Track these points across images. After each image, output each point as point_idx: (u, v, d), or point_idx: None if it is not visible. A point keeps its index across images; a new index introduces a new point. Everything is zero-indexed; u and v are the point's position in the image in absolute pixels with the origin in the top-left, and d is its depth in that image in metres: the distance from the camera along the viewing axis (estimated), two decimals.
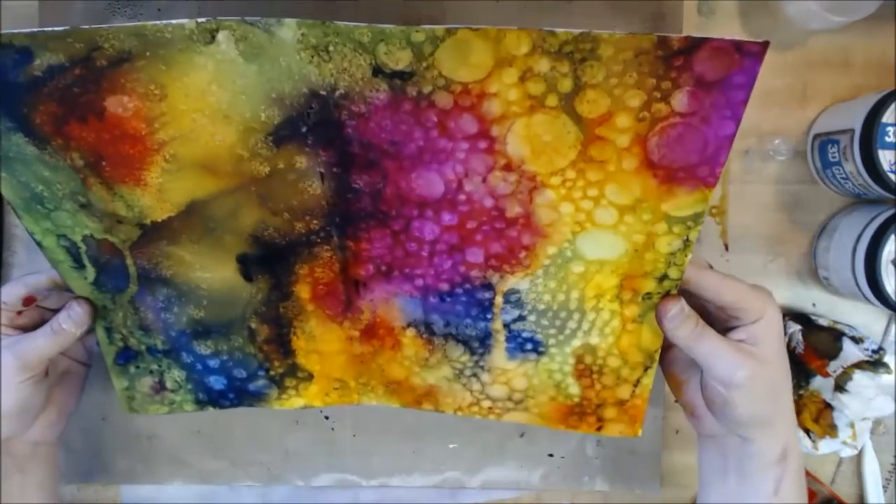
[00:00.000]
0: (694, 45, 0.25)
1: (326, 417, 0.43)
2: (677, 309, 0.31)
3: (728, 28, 0.40)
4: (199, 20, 0.26)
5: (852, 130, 0.37)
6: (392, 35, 0.26)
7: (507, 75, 0.27)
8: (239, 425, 0.43)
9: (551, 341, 0.34)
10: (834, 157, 0.39)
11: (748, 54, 0.25)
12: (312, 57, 0.27)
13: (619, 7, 0.40)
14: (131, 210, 0.31)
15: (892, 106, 0.35)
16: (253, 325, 0.35)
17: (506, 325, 0.34)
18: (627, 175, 0.29)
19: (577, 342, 0.34)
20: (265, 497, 0.44)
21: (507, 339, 0.34)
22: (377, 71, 0.27)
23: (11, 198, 0.31)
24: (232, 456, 0.43)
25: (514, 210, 0.30)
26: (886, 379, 0.40)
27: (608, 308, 0.33)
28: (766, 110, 0.41)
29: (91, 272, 0.33)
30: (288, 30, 0.26)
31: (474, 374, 0.36)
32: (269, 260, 0.33)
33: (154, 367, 0.37)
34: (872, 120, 0.36)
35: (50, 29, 0.27)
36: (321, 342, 0.36)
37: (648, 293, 0.32)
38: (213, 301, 0.34)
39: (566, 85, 0.27)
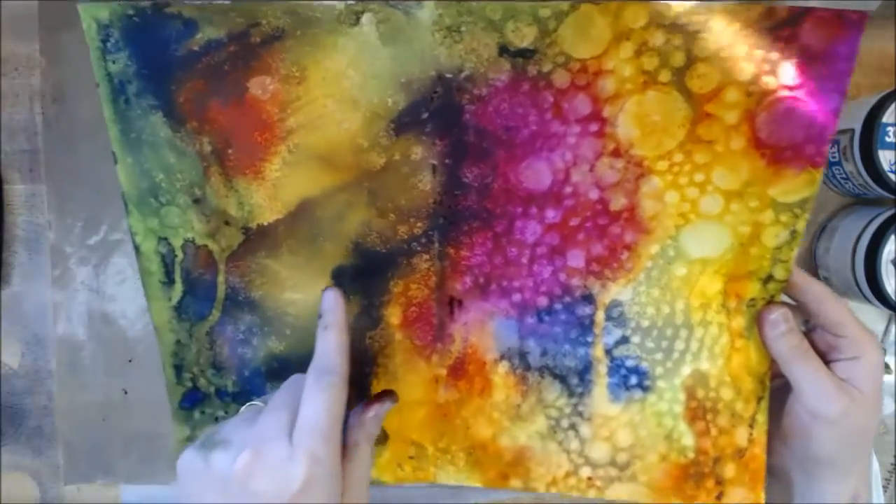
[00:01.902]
0: (800, 16, 0.26)
1: None
2: (780, 314, 0.29)
3: None
4: (349, 1, 0.28)
5: (852, 130, 0.37)
6: (521, 11, 0.27)
7: (623, 50, 0.28)
8: None
9: (658, 370, 0.32)
10: (834, 158, 0.39)
11: (850, 24, 0.25)
12: (444, 38, 0.28)
13: None
14: (241, 209, 0.31)
15: (892, 106, 0.35)
16: None
17: (608, 351, 0.32)
18: (735, 156, 0.29)
19: (686, 369, 0.32)
20: None
21: (610, 372, 0.32)
22: (503, 50, 0.28)
23: (128, 188, 0.31)
24: None
25: (618, 202, 0.30)
26: (887, 379, 0.40)
27: (715, 321, 0.31)
28: None
29: (178, 292, 0.33)
30: (426, 10, 0.28)
31: (572, 426, 0.33)
32: (365, 274, 0.32)
33: (220, 413, 0.35)
34: (872, 120, 0.36)
35: (217, 2, 0.28)
36: (403, 385, 0.34)
37: (752, 299, 0.31)
38: (297, 329, 0.33)
39: (678, 58, 0.28)
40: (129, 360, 0.42)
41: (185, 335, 0.34)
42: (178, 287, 0.33)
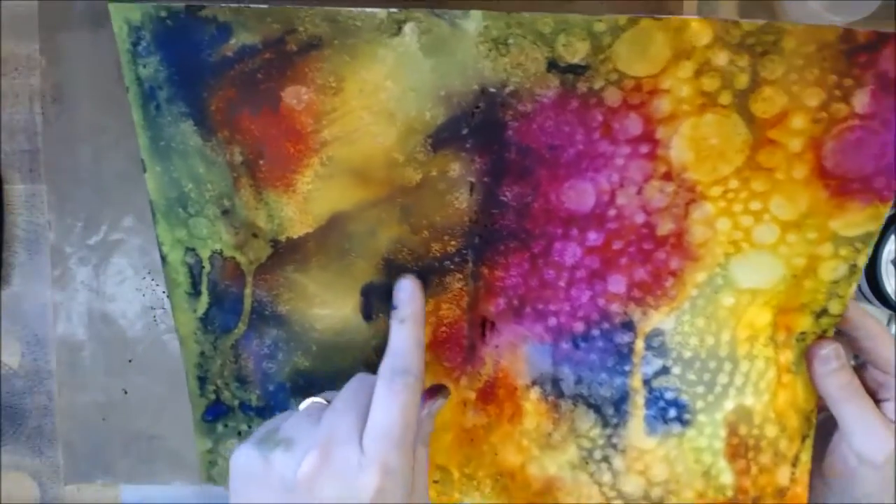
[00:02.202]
0: (880, 40, 0.24)
1: None
2: (832, 350, 0.28)
3: None
4: (391, 10, 0.27)
5: None
6: (574, 24, 0.26)
7: (682, 69, 0.26)
8: None
9: (699, 404, 0.30)
10: None
11: None
12: (490, 51, 0.27)
13: (619, 7, 0.40)
14: (271, 221, 0.30)
15: None
16: None
17: (646, 382, 0.31)
18: (796, 185, 0.27)
19: (729, 404, 0.30)
20: None
21: (647, 404, 0.31)
22: (552, 65, 0.27)
23: (156, 197, 0.30)
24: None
25: (665, 227, 0.29)
26: None
27: (762, 355, 0.30)
28: None
29: (204, 303, 0.32)
30: (472, 21, 0.26)
31: (605, 458, 0.32)
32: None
33: (243, 427, 0.34)
34: None
35: (252, 6, 0.27)
36: None
37: (803, 333, 0.29)
38: (324, 346, 0.32)
39: (742, 81, 0.26)
40: (129, 360, 0.42)
41: (209, 347, 0.33)
42: (205, 299, 0.32)
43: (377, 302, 0.31)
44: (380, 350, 0.30)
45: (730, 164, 0.27)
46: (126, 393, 0.43)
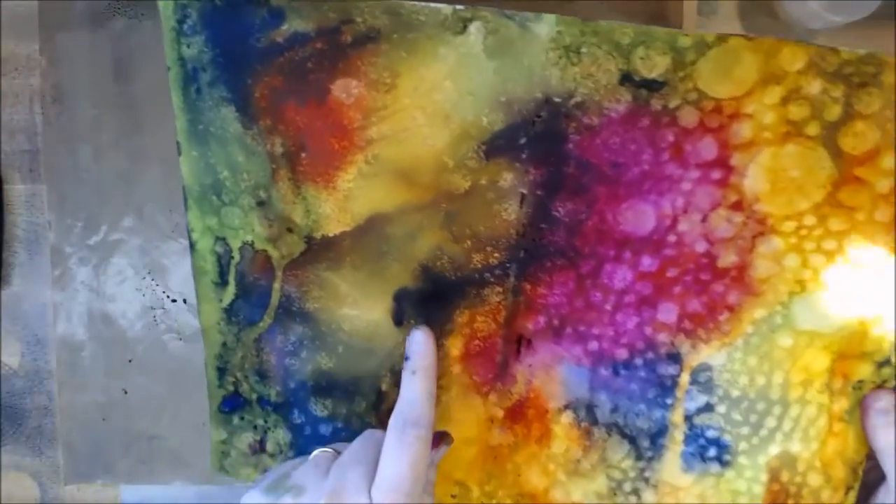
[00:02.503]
0: None
1: None
2: (890, 402, 0.27)
3: (728, 28, 0.40)
4: (458, 7, 0.25)
5: None
6: (656, 37, 0.25)
7: (769, 95, 0.25)
8: None
9: (742, 445, 0.29)
10: None
11: None
12: (560, 58, 0.25)
13: (619, 7, 0.40)
14: (308, 217, 0.29)
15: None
16: (384, 388, 0.31)
17: (687, 417, 0.29)
18: (877, 228, 0.26)
19: (774, 449, 0.28)
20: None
21: (686, 440, 0.29)
22: (625, 78, 0.25)
23: (190, 182, 0.29)
24: None
25: (727, 259, 0.27)
26: None
27: (816, 401, 0.28)
28: None
29: (230, 294, 0.31)
30: (545, 25, 0.25)
31: (635, 491, 0.30)
32: (429, 299, 0.30)
33: (260, 422, 0.33)
34: None
35: None
36: (455, 424, 0.31)
37: (861, 381, 0.28)
38: (349, 348, 0.31)
39: (834, 112, 0.25)
40: (129, 360, 0.42)
41: (232, 338, 0.32)
42: (231, 289, 0.31)
43: (409, 308, 0.30)
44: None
45: (808, 199, 0.26)
46: (126, 393, 0.43)
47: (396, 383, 0.30)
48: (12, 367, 0.43)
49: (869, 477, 0.29)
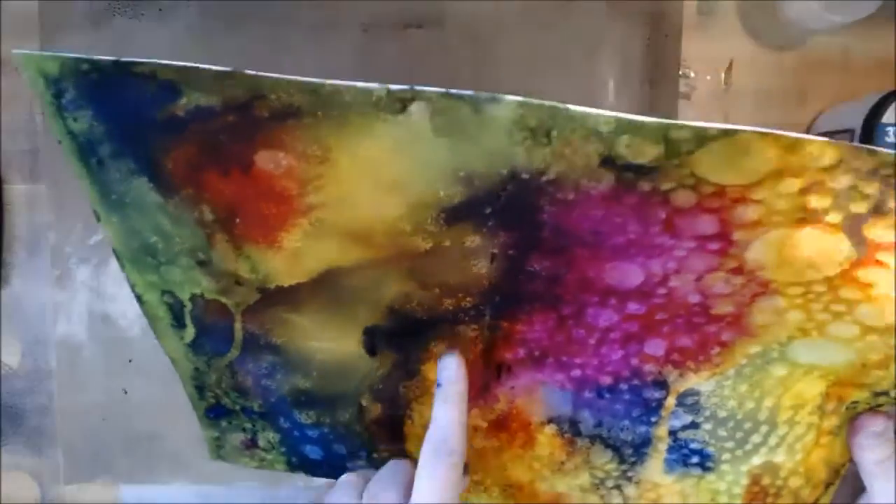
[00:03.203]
0: None
1: None
2: (882, 427, 0.26)
3: (728, 28, 0.40)
4: (392, 87, 0.22)
5: (852, 131, 0.37)
6: (645, 129, 0.21)
7: (785, 185, 0.22)
8: None
9: (725, 456, 0.28)
10: None
11: None
12: (525, 139, 0.22)
13: (619, 7, 0.40)
14: (255, 273, 0.26)
15: (892, 106, 0.35)
16: (364, 403, 0.30)
17: (672, 433, 0.28)
18: (891, 302, 0.23)
19: (757, 460, 0.28)
20: (267, 497, 0.44)
21: (670, 450, 0.28)
22: (606, 162, 0.22)
23: (118, 246, 0.27)
24: None
25: (723, 309, 0.25)
26: None
27: (805, 421, 0.27)
28: (765, 111, 0.41)
29: (190, 333, 0.30)
30: (503, 108, 0.21)
31: (617, 486, 0.30)
32: (401, 334, 0.28)
33: (247, 425, 0.33)
34: (872, 120, 0.36)
35: (205, 67, 0.22)
36: None
37: (855, 402, 0.27)
38: (324, 373, 0.30)
39: (861, 206, 0.22)
40: (129, 360, 0.42)
41: (203, 364, 0.31)
42: (191, 330, 0.29)
43: (382, 342, 0.29)
44: (386, 379, 0.29)
45: (820, 273, 0.23)
46: (126, 393, 0.42)
47: (377, 399, 0.30)
48: (12, 367, 0.43)
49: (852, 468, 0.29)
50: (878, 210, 0.22)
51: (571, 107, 0.21)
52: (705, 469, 0.28)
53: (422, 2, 0.40)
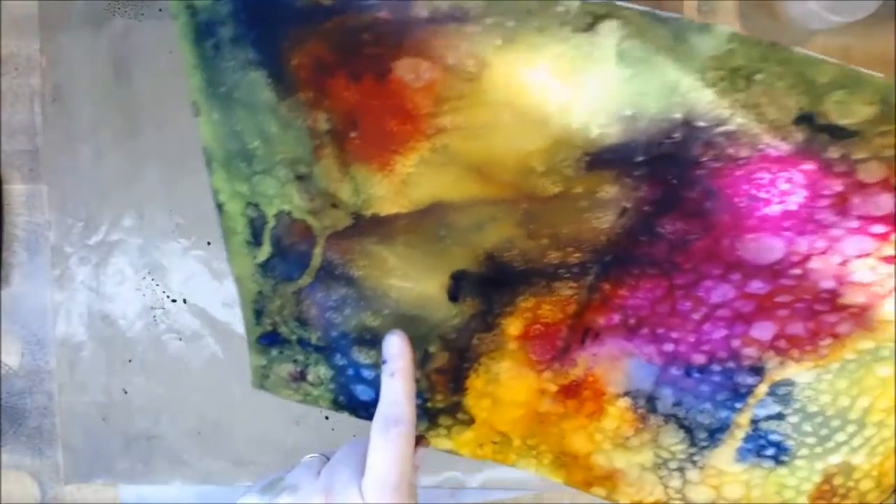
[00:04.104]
0: None
1: (326, 418, 0.43)
2: None
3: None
4: None
5: None
6: (866, 84, 0.20)
7: None
8: (239, 425, 0.43)
9: (802, 451, 0.27)
10: None
11: None
12: (721, 80, 0.20)
13: None
14: (356, 196, 0.25)
15: None
16: (431, 350, 0.29)
17: (754, 422, 0.27)
18: None
19: (835, 459, 0.27)
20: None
21: (747, 439, 0.28)
22: (804, 119, 0.21)
23: (212, 146, 0.25)
24: (232, 456, 0.43)
25: (853, 299, 0.24)
26: None
27: (893, 425, 0.26)
28: None
29: (265, 252, 0.27)
30: (711, 39, 0.20)
31: (680, 469, 0.29)
32: (491, 283, 0.27)
33: (300, 357, 0.31)
34: None
35: None
36: (503, 388, 0.29)
37: None
38: (397, 314, 0.28)
39: None
40: (129, 360, 0.42)
41: (268, 289, 0.29)
42: (266, 248, 0.27)
43: (468, 288, 0.27)
44: (460, 329, 0.28)
45: None
46: (126, 393, 0.43)
47: (446, 347, 0.29)
48: (12, 367, 0.43)
49: None
50: None
51: (796, 48, 0.20)
52: (778, 462, 0.27)
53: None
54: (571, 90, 0.21)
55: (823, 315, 0.25)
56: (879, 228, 0.23)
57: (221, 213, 0.27)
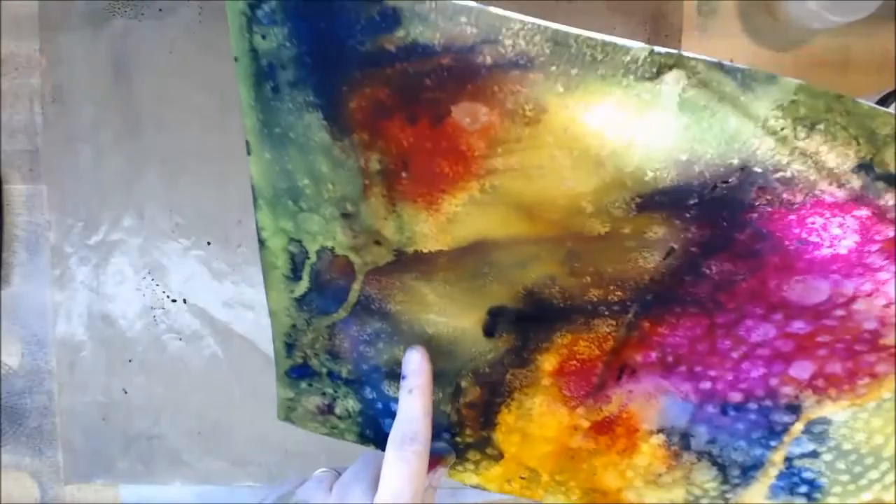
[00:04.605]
0: None
1: None
2: None
3: (728, 28, 0.40)
4: (656, 49, 0.20)
5: None
6: None
7: None
8: (239, 425, 0.43)
9: (836, 489, 0.27)
10: None
11: None
12: (783, 129, 0.21)
13: (619, 7, 0.40)
14: (400, 233, 0.25)
15: (893, 106, 0.35)
16: (463, 384, 0.29)
17: (788, 459, 0.27)
18: None
19: (867, 496, 0.27)
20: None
21: (780, 476, 0.27)
22: (862, 167, 0.21)
23: (261, 184, 0.25)
24: (232, 456, 0.43)
25: (893, 339, 0.24)
26: None
27: None
28: None
29: (303, 287, 0.28)
30: (778, 90, 0.20)
31: None
32: (529, 320, 0.27)
33: (328, 390, 0.31)
34: None
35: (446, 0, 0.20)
36: (535, 424, 0.29)
37: None
38: (431, 348, 0.28)
39: None
40: (129, 360, 0.42)
41: (302, 322, 0.29)
42: (305, 284, 0.28)
43: (505, 324, 0.27)
44: (494, 364, 0.28)
45: None
46: (126, 393, 0.43)
47: (479, 382, 0.29)
48: (12, 367, 0.43)
49: None
50: None
51: (859, 100, 0.20)
52: (811, 500, 0.28)
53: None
54: (629, 135, 0.21)
55: (863, 355, 0.25)
56: None
57: (263, 249, 0.27)
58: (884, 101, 0.35)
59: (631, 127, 0.21)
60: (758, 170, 0.21)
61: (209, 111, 0.41)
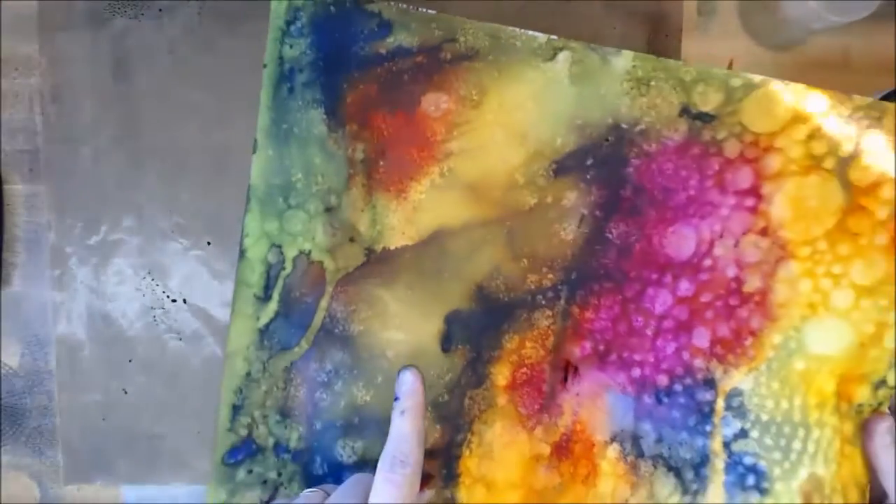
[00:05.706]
0: None
1: None
2: (887, 426, 0.29)
3: (728, 28, 0.40)
4: (552, 37, 0.29)
5: None
6: (714, 76, 0.29)
7: (797, 131, 0.29)
8: None
9: (776, 471, 0.30)
10: None
11: None
12: (632, 89, 0.29)
13: (619, 7, 0.40)
14: (373, 227, 0.30)
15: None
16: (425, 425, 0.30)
17: (726, 444, 0.31)
18: (876, 251, 0.29)
19: (803, 472, 0.30)
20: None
21: (727, 469, 0.31)
22: (684, 111, 0.29)
23: (257, 182, 0.29)
24: None
25: (752, 283, 0.30)
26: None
27: (830, 423, 0.30)
28: None
29: (270, 311, 0.30)
30: (623, 59, 0.29)
31: None
32: (480, 322, 0.30)
33: (271, 475, 0.31)
34: None
35: (420, 10, 0.28)
36: (497, 463, 0.31)
37: (860, 404, 0.30)
38: (390, 379, 0.30)
39: (846, 149, 0.29)
40: (129, 360, 0.42)
41: (258, 367, 0.30)
42: (273, 306, 0.30)
43: (458, 332, 0.30)
44: (451, 387, 0.30)
45: (821, 226, 0.29)
46: (126, 393, 0.43)
47: (438, 419, 0.30)
48: (12, 367, 0.43)
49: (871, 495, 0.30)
50: (856, 151, 0.29)
51: (670, 60, 0.29)
52: (762, 492, 0.31)
53: (422, 1, 0.40)
54: (541, 108, 0.29)
55: (737, 310, 0.30)
56: (750, 201, 0.29)
57: (241, 261, 0.30)
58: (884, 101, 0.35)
59: (544, 100, 0.29)
60: (625, 125, 0.29)
61: (209, 111, 0.41)
